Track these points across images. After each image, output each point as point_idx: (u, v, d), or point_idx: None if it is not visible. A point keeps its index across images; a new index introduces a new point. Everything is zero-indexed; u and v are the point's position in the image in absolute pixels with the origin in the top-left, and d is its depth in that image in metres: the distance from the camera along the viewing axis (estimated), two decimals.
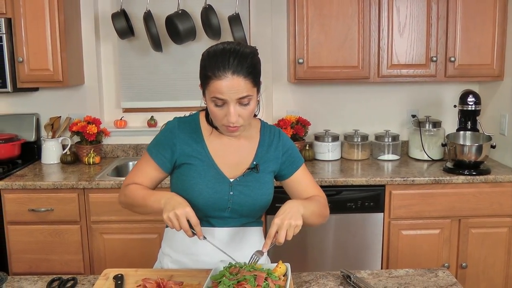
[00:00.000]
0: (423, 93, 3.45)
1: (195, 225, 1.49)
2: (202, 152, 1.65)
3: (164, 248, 1.76)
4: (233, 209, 1.65)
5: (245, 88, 1.48)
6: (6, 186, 2.82)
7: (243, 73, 1.47)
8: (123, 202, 1.69)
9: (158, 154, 1.66)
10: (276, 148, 1.72)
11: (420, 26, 3.01)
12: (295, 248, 2.87)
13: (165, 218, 1.47)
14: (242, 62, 1.48)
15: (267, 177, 1.70)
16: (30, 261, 2.89)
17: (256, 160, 1.69)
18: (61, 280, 1.62)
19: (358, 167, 3.11)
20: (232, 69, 1.46)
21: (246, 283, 1.38)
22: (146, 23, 3.24)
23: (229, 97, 1.47)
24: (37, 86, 3.22)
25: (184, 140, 1.65)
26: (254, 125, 1.73)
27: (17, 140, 3.27)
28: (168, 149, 1.65)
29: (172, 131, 1.66)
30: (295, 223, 1.47)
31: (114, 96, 3.55)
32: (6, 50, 2.97)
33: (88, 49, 3.41)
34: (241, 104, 1.50)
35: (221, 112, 1.51)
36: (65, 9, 3.06)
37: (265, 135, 1.73)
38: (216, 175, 1.64)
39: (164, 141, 1.66)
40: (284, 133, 1.78)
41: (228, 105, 1.49)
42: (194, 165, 1.64)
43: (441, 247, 2.89)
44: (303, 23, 3.04)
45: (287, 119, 3.34)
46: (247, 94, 1.49)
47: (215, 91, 1.48)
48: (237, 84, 1.46)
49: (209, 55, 1.52)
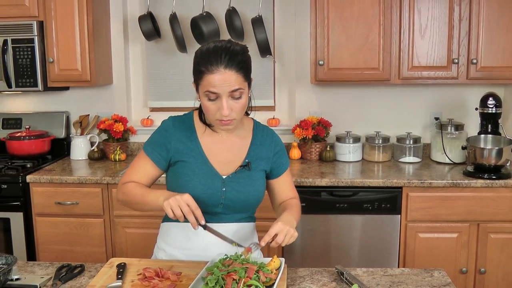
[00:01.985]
0: (448, 96, 3.41)
1: (194, 209, 1.53)
2: (196, 150, 1.71)
3: (160, 243, 1.83)
4: (226, 204, 1.71)
5: (236, 82, 1.55)
6: (35, 180, 2.97)
7: (234, 68, 1.55)
8: (121, 200, 1.75)
9: (154, 152, 1.73)
10: (269, 147, 1.79)
11: (441, 28, 2.99)
12: (309, 248, 2.90)
13: (165, 205, 1.52)
14: (233, 58, 1.55)
15: (259, 175, 1.76)
16: (57, 251, 3.03)
17: (248, 158, 1.75)
18: (69, 266, 1.71)
19: (377, 169, 3.11)
20: (224, 64, 1.54)
21: (235, 274, 1.43)
22: (171, 25, 3.34)
23: (221, 90, 1.54)
24: (67, 85, 3.37)
25: (178, 138, 1.72)
26: (246, 124, 1.79)
27: (47, 136, 3.44)
28: (163, 147, 1.72)
29: (167, 130, 1.73)
30: (294, 234, 1.56)
31: (141, 96, 3.67)
32: (37, 51, 3.14)
33: (117, 50, 3.54)
34: (233, 97, 1.57)
35: (214, 106, 1.58)
36: (94, 12, 3.20)
37: (257, 134, 1.79)
38: (209, 172, 1.70)
39: (160, 139, 1.73)
40: (276, 134, 1.85)
41: (220, 99, 1.56)
42: (187, 162, 1.70)
43: (459, 251, 2.85)
44: (324, 25, 3.07)
45: (309, 120, 3.37)
46: (239, 87, 1.56)
47: (208, 85, 1.55)
48: (229, 77, 1.54)
49: (202, 52, 1.60)
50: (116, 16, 3.51)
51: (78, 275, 1.67)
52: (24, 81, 3.16)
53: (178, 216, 1.52)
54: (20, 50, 3.13)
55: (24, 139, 3.32)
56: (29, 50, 3.12)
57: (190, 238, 1.72)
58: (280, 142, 1.84)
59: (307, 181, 2.86)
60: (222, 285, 1.40)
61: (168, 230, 1.78)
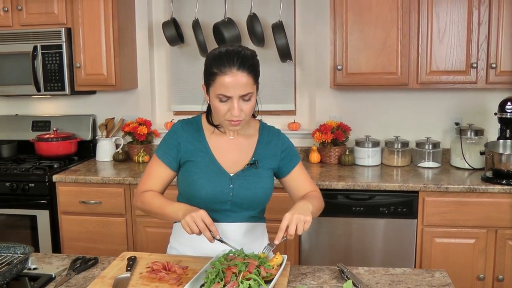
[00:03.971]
0: (468, 100, 3.39)
1: (209, 225, 1.61)
2: (204, 150, 1.79)
3: (172, 242, 1.91)
4: (234, 201, 1.77)
5: (248, 84, 1.63)
6: (61, 179, 3.10)
7: (246, 70, 1.62)
8: (139, 208, 1.85)
9: (165, 154, 1.81)
10: (275, 146, 1.85)
11: (460, 32, 2.98)
12: (325, 249, 2.93)
13: (183, 223, 1.62)
14: (245, 61, 1.63)
15: (266, 173, 1.82)
16: (80, 249, 3.14)
17: (255, 156, 1.81)
18: (84, 258, 1.80)
19: (395, 173, 3.11)
20: (237, 66, 1.61)
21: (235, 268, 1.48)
22: (194, 30, 3.43)
23: (234, 93, 1.62)
24: (93, 89, 3.50)
25: (187, 139, 1.80)
26: (253, 125, 1.86)
27: (74, 138, 3.58)
28: (174, 149, 1.80)
29: (177, 132, 1.82)
30: (305, 219, 1.58)
31: (165, 99, 3.78)
32: (65, 57, 3.29)
33: (142, 56, 3.66)
34: (243, 99, 1.64)
35: (224, 107, 1.65)
36: (120, 19, 3.32)
37: (264, 134, 1.86)
38: (216, 170, 1.77)
39: (170, 141, 1.82)
40: (282, 133, 1.91)
41: (231, 100, 1.63)
42: (196, 162, 1.78)
43: (476, 258, 2.82)
44: (342, 30, 3.10)
45: (328, 124, 3.40)
46: (250, 91, 1.64)
47: (221, 87, 1.62)
48: (241, 79, 1.61)
49: (214, 55, 1.67)
50: (142, 22, 3.62)
51: (92, 266, 1.76)
52: (52, 85, 3.31)
53: (196, 233, 1.60)
54: (48, 56, 3.28)
55: (52, 141, 3.47)
56: (57, 55, 3.27)
57: (200, 237, 1.78)
58: (286, 140, 1.90)
59: (324, 184, 2.89)
60: (222, 277, 1.46)
61: (180, 229, 1.85)
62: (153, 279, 1.61)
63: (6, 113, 3.88)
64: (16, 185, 3.13)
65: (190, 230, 1.60)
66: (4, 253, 1.70)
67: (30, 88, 3.35)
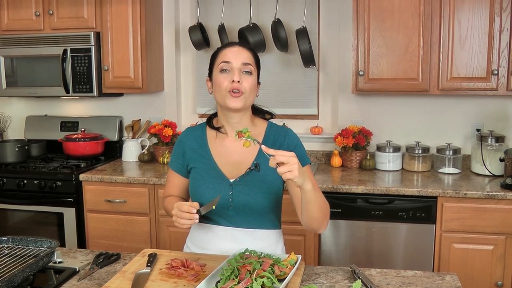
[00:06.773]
0: (490, 107, 3.38)
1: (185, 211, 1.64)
2: (205, 156, 1.85)
3: (188, 243, 2.00)
4: (235, 207, 1.80)
5: (248, 57, 1.77)
6: (87, 179, 3.21)
7: (247, 47, 1.81)
8: (165, 211, 1.99)
9: (174, 163, 1.93)
10: (281, 145, 1.83)
11: (481, 39, 2.98)
12: (343, 252, 2.97)
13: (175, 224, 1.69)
14: (246, 43, 1.86)
15: (271, 176, 1.79)
16: (105, 246, 3.24)
17: (258, 159, 1.80)
18: (107, 254, 1.89)
19: (415, 179, 3.13)
20: (238, 45, 1.79)
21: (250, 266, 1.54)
22: (220, 35, 3.51)
23: (235, 60, 1.74)
24: (120, 91, 3.61)
25: (190, 146, 1.88)
26: (259, 125, 1.89)
27: (101, 139, 3.70)
28: (180, 156, 1.91)
29: (181, 141, 1.92)
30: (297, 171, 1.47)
31: (190, 102, 3.87)
32: (94, 60, 3.41)
33: (169, 59, 3.76)
34: (244, 72, 1.75)
35: (226, 78, 1.74)
36: (147, 23, 3.42)
37: (269, 135, 1.86)
38: (216, 176, 1.82)
39: (176, 150, 1.93)
40: (291, 132, 1.89)
41: (233, 71, 1.74)
42: (198, 168, 1.85)
43: (494, 264, 2.82)
44: (364, 35, 3.14)
45: (350, 128, 3.44)
46: (250, 63, 1.76)
47: (223, 57, 1.76)
48: (242, 51, 1.77)
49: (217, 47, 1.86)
50: (169, 27, 3.72)
51: (114, 262, 1.84)
52: (81, 87, 3.43)
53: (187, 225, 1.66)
54: (78, 59, 3.40)
55: (79, 141, 3.59)
56: (86, 58, 3.39)
57: (211, 240, 1.86)
58: (294, 139, 1.86)
59: (343, 188, 2.93)
60: (237, 274, 1.52)
61: (194, 231, 1.94)
62: (172, 275, 1.68)
63: (36, 114, 4.03)
64: (44, 183, 3.25)
65: (182, 226, 1.67)
66: (31, 246, 1.80)
67: (59, 90, 3.48)
